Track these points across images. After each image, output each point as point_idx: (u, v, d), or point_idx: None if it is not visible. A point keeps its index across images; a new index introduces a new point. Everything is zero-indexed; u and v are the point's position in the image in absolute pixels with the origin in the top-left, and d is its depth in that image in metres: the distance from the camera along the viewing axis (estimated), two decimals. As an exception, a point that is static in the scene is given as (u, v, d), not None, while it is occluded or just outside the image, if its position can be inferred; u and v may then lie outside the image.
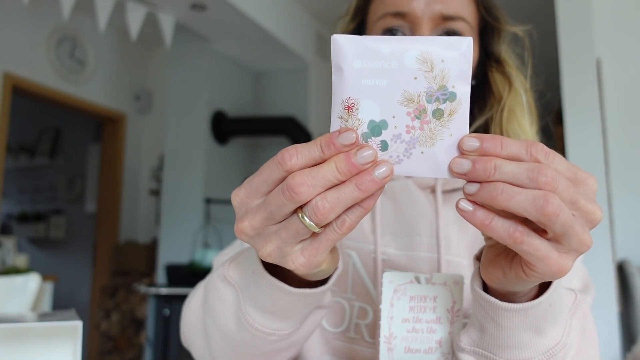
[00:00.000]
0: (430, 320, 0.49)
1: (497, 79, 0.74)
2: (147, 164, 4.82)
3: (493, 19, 0.74)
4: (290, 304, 0.47)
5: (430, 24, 0.68)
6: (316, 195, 0.36)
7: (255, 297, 0.48)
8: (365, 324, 0.69)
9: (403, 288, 0.49)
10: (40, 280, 1.91)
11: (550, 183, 0.35)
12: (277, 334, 0.50)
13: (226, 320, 0.52)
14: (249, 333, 0.50)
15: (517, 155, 0.36)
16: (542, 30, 0.81)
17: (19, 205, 5.63)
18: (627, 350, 2.26)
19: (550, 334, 0.47)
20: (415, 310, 0.49)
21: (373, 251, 0.71)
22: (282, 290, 0.46)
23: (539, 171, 0.35)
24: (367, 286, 0.70)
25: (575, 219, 0.36)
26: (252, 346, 0.52)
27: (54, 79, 4.09)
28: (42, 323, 0.52)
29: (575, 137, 2.31)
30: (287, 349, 0.54)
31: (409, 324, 0.49)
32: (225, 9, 3.34)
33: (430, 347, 0.50)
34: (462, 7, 0.70)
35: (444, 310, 0.49)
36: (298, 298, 0.46)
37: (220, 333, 0.54)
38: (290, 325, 0.50)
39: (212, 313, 0.54)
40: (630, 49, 2.59)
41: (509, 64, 0.74)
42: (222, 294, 0.52)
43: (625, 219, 2.46)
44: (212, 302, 0.54)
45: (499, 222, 0.37)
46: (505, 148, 0.36)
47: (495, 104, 0.73)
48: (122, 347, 4.15)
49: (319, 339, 0.71)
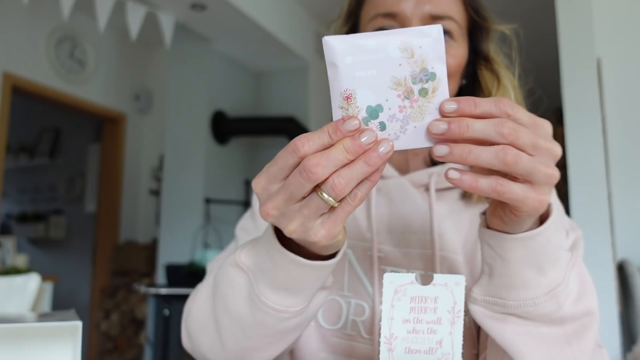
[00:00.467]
0: (431, 321, 0.50)
1: (486, 77, 0.77)
2: (147, 164, 4.82)
3: (481, 18, 0.76)
4: (303, 277, 0.52)
5: (420, 24, 0.70)
6: (329, 174, 0.42)
7: (270, 275, 0.53)
8: (361, 321, 0.71)
9: (404, 289, 0.49)
10: (40, 281, 1.91)
11: (512, 133, 0.42)
12: (288, 311, 0.54)
13: (239, 305, 0.56)
14: (262, 312, 0.54)
15: (489, 111, 0.43)
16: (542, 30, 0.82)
17: (18, 205, 5.63)
18: (627, 351, 2.25)
19: (550, 274, 0.52)
20: (415, 311, 0.49)
21: (369, 248, 0.73)
22: (297, 262, 0.50)
23: (502, 124, 0.42)
24: (363, 283, 0.72)
25: (535, 158, 0.43)
26: (264, 326, 0.55)
27: (54, 78, 4.09)
28: (42, 323, 0.52)
29: (576, 137, 2.31)
30: (295, 329, 0.58)
31: (409, 325, 0.50)
32: (225, 8, 3.34)
33: (431, 348, 0.50)
34: (450, 7, 0.72)
35: (445, 311, 0.49)
36: (312, 270, 0.51)
37: (231, 319, 0.57)
38: (300, 301, 0.54)
39: (224, 300, 0.57)
40: (630, 48, 2.59)
41: (497, 62, 0.77)
42: (233, 280, 0.56)
43: (625, 219, 2.46)
44: (223, 289, 0.58)
45: (483, 181, 0.43)
46: (478, 106, 0.42)
47: None
48: (122, 347, 4.15)
49: (316, 336, 0.72)
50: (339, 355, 0.71)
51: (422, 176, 0.75)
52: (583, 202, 2.23)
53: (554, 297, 0.52)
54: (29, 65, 3.91)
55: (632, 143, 2.52)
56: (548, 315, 0.53)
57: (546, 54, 2.92)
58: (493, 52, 0.77)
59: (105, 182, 4.63)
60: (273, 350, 0.60)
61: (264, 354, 0.60)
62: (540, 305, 0.52)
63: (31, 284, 1.89)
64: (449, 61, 0.71)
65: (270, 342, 0.58)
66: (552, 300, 0.52)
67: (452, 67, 0.72)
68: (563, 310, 0.53)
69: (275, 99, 4.40)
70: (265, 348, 0.59)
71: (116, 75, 4.64)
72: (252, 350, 0.59)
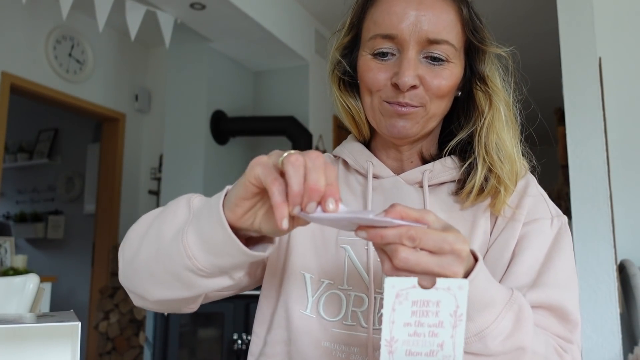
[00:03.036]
0: (433, 325, 0.49)
1: (480, 96, 0.80)
2: (146, 164, 4.81)
3: (478, 41, 0.79)
4: (222, 245, 0.58)
5: (417, 47, 0.74)
6: None
7: (200, 222, 0.60)
8: (361, 311, 0.76)
9: (405, 293, 0.49)
10: (39, 281, 1.90)
11: (416, 239, 0.50)
12: (192, 261, 0.60)
13: (168, 230, 0.64)
14: (176, 246, 0.61)
15: (392, 241, 0.51)
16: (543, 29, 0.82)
17: (17, 206, 5.62)
18: (628, 352, 2.25)
19: (478, 319, 0.58)
20: (417, 315, 0.49)
21: (366, 244, 0.77)
22: (223, 226, 0.57)
23: (409, 232, 0.50)
24: (362, 276, 0.77)
25: (431, 258, 0.50)
26: (171, 260, 0.62)
27: (53, 78, 4.08)
28: (41, 324, 0.52)
29: (577, 137, 2.30)
30: (187, 286, 0.64)
31: (410, 328, 0.49)
32: (224, 8, 3.33)
33: (432, 350, 0.50)
34: (448, 31, 0.75)
35: (447, 315, 0.49)
36: (230, 243, 0.57)
37: (156, 237, 0.65)
38: (206, 264, 0.60)
39: (162, 220, 0.66)
40: (632, 48, 2.59)
41: (492, 82, 0.80)
42: (178, 211, 0.65)
43: (626, 220, 2.46)
44: (167, 211, 0.67)
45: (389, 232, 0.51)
46: (384, 239, 0.51)
47: (479, 117, 0.80)
48: (121, 348, 4.14)
49: (317, 327, 0.77)
50: (340, 345, 0.75)
51: (416, 174, 0.80)
52: (584, 203, 2.23)
53: (481, 339, 0.59)
54: (28, 65, 3.91)
55: (634, 143, 2.52)
56: (477, 352, 0.60)
57: (547, 54, 2.91)
58: (488, 72, 0.80)
59: (104, 182, 4.62)
60: (165, 290, 0.66)
61: (157, 290, 0.67)
62: (468, 345, 0.59)
63: (30, 284, 1.88)
64: (442, 83, 0.75)
65: (165, 280, 0.65)
66: (479, 341, 0.59)
67: (444, 88, 0.75)
68: (490, 348, 0.59)
69: (275, 99, 4.40)
70: (160, 283, 0.66)
71: (115, 74, 4.63)
72: (151, 278, 0.66)
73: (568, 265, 0.74)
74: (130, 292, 0.73)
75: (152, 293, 0.67)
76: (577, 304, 0.72)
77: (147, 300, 0.70)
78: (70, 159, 5.30)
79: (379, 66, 0.76)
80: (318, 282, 0.78)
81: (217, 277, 0.63)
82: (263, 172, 0.53)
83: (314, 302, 0.78)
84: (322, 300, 0.77)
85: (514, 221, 0.76)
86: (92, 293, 4.51)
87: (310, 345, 0.76)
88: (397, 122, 0.76)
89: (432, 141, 0.85)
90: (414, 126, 0.76)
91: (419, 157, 0.84)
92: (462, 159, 0.80)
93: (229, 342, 2.67)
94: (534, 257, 0.73)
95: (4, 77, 3.71)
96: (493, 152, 0.77)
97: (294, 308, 0.78)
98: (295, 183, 0.50)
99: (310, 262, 0.79)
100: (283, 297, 0.80)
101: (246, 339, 2.65)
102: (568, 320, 0.71)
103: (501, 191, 0.75)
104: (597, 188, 2.22)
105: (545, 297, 0.70)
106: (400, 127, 0.76)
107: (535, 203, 0.78)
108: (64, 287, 4.69)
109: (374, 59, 0.76)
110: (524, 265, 0.72)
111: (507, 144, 0.78)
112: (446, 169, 0.80)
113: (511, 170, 0.77)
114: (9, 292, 1.88)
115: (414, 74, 0.73)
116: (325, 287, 0.78)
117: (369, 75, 0.76)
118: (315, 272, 0.79)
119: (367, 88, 0.78)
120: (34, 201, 5.52)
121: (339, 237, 0.79)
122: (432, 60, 0.75)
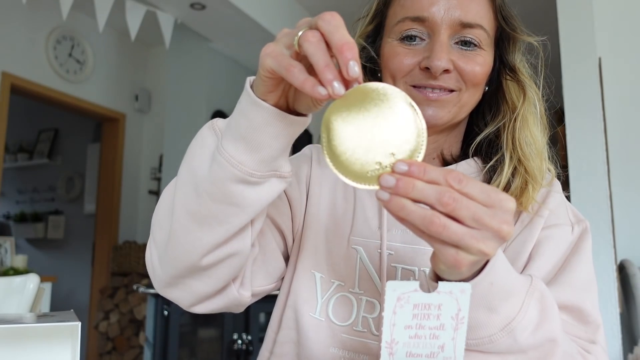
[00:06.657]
0: (434, 327, 0.49)
1: (511, 88, 0.77)
2: (146, 164, 4.81)
3: (510, 28, 0.76)
4: (264, 124, 0.54)
5: (449, 31, 0.70)
6: None
7: (233, 124, 0.56)
8: (372, 318, 0.72)
9: (407, 296, 0.49)
10: (39, 281, 1.90)
11: (451, 203, 0.44)
12: (241, 169, 0.55)
13: (202, 162, 0.59)
14: (217, 163, 0.56)
15: (436, 180, 0.45)
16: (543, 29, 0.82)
17: (17, 206, 5.62)
18: (628, 352, 2.25)
19: (503, 310, 0.54)
20: (418, 318, 0.49)
21: (379, 246, 0.73)
22: (260, 105, 0.53)
23: (443, 193, 0.44)
24: (374, 280, 0.73)
25: (471, 231, 0.45)
26: (215, 183, 0.57)
27: (53, 78, 4.08)
28: (41, 324, 0.51)
29: (577, 137, 2.30)
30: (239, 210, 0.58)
31: (411, 331, 0.50)
32: (224, 7, 3.33)
33: (432, 352, 0.50)
34: (481, 16, 0.71)
35: (449, 318, 0.49)
36: (272, 116, 0.54)
37: (190, 176, 0.60)
38: (254, 164, 0.56)
39: (191, 158, 0.62)
40: (631, 48, 2.59)
41: (523, 73, 0.76)
42: (205, 141, 0.61)
43: (626, 219, 2.45)
44: (193, 148, 0.62)
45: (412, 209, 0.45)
46: (427, 174, 0.45)
47: (508, 112, 0.76)
48: (121, 348, 4.14)
49: (326, 331, 0.73)
50: (349, 352, 0.72)
51: None
52: (584, 203, 2.23)
53: (509, 333, 0.55)
54: (28, 65, 3.90)
55: (633, 143, 2.52)
56: (508, 349, 0.56)
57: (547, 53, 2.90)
58: (519, 63, 0.77)
59: (104, 182, 4.62)
60: (213, 233, 0.59)
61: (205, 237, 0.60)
62: (496, 342, 0.55)
63: (30, 284, 1.88)
64: (477, 69, 0.71)
65: (212, 214, 0.58)
66: (508, 335, 0.55)
67: (480, 75, 0.71)
68: (520, 342, 0.56)
69: (274, 99, 4.40)
70: (207, 224, 0.59)
71: (115, 74, 4.63)
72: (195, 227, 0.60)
73: (586, 268, 0.71)
74: (174, 287, 0.66)
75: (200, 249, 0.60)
76: (596, 305, 0.69)
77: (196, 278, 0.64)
78: (71, 159, 5.30)
79: (406, 51, 0.71)
80: (328, 283, 0.75)
81: (267, 182, 0.58)
82: (274, 62, 0.50)
83: (324, 304, 0.74)
84: (332, 303, 0.74)
85: (538, 217, 0.72)
86: (92, 293, 4.51)
87: (319, 350, 0.73)
88: (425, 110, 0.69)
89: (455, 138, 0.80)
90: (445, 115, 0.71)
91: (439, 157, 0.79)
92: (485, 162, 0.76)
93: (229, 342, 2.67)
94: (551, 264, 0.70)
95: (4, 77, 3.71)
96: (524, 145, 0.73)
97: (302, 309, 0.74)
98: (319, 60, 0.46)
99: (321, 260, 0.76)
100: (292, 296, 0.76)
101: (246, 339, 2.65)
102: (587, 321, 0.68)
103: (529, 187, 0.71)
104: (597, 188, 2.22)
105: (563, 298, 0.66)
106: (429, 115, 0.70)
107: (557, 206, 0.75)
108: (64, 287, 4.69)
109: (401, 43, 0.72)
110: (540, 271, 0.69)
111: (539, 141, 0.74)
112: (471, 169, 0.76)
113: (540, 167, 0.73)
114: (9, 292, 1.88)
115: (447, 57, 0.69)
116: (335, 289, 0.74)
117: (395, 60, 0.72)
118: (326, 272, 0.75)
119: (392, 74, 0.73)
120: (34, 201, 5.52)
121: (352, 236, 0.75)
122: (463, 45, 0.71)
